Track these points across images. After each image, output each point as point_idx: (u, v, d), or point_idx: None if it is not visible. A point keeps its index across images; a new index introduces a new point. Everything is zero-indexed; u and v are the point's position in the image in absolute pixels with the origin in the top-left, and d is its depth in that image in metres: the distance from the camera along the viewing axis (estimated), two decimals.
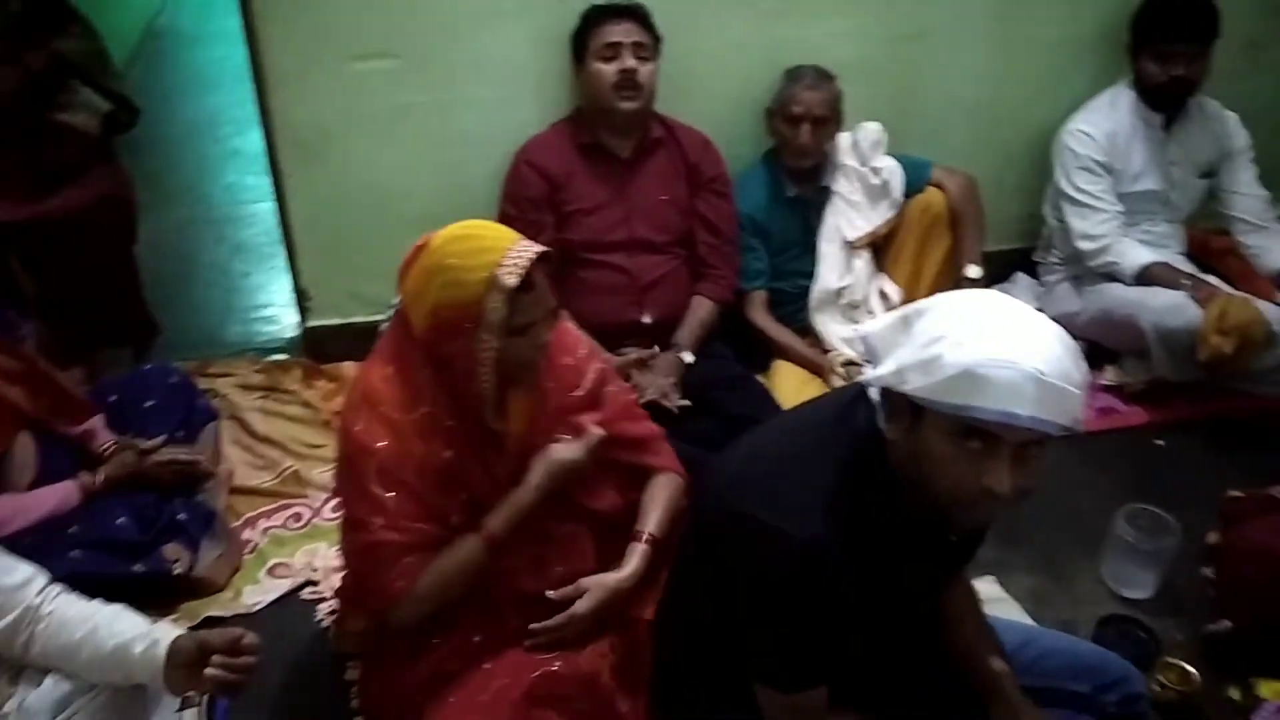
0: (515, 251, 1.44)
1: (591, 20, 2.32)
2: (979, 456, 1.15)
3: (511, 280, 1.42)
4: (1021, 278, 3.09)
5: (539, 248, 1.48)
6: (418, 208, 2.52)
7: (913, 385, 1.14)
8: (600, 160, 2.37)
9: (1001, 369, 1.10)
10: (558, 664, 1.55)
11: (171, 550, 1.96)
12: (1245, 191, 2.74)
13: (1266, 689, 1.80)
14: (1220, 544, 2.02)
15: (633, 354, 2.31)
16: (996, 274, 3.06)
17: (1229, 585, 1.92)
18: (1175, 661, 1.86)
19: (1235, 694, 1.81)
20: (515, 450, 1.61)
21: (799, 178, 2.55)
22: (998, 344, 1.11)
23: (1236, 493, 2.10)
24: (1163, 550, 2.04)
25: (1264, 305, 2.56)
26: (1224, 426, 2.62)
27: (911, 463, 1.21)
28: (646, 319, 2.38)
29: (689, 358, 2.35)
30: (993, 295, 1.23)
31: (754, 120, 2.58)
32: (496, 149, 2.46)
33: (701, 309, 2.43)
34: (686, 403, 2.23)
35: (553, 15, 2.39)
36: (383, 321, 2.57)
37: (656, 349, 2.33)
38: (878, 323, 1.24)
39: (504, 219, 2.32)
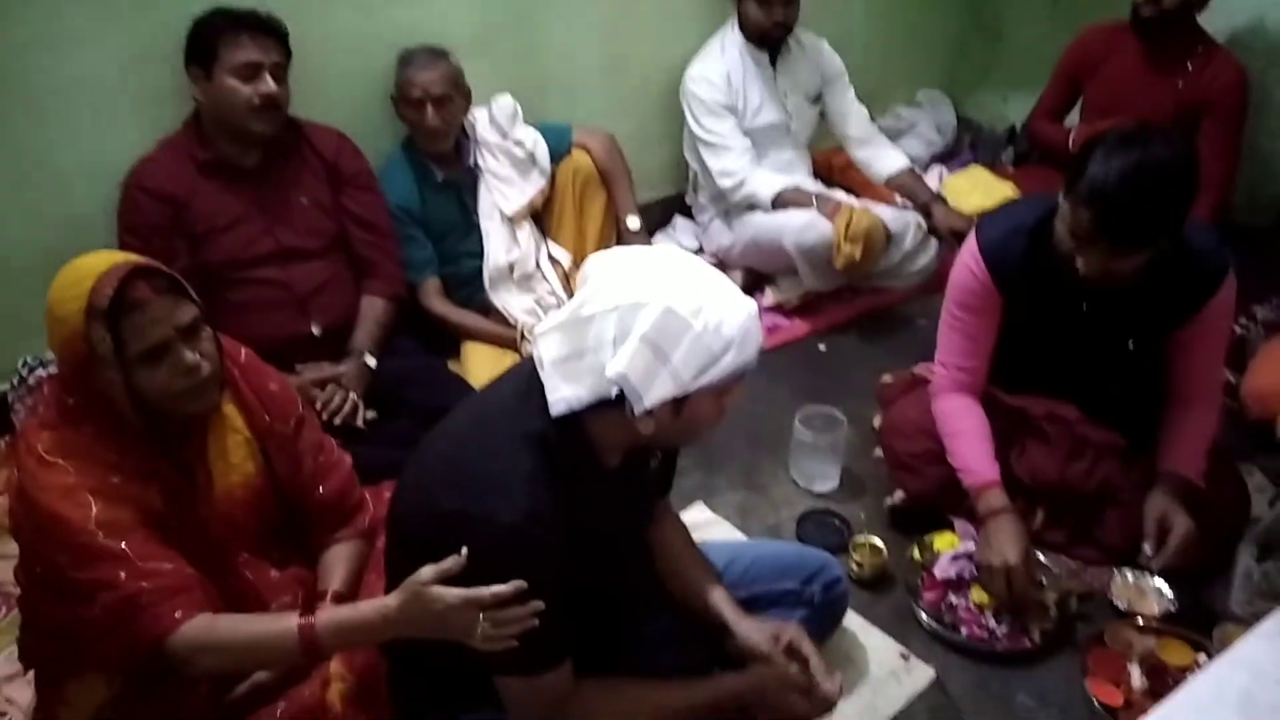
0: (108, 273, 1.31)
1: (222, 29, 2.10)
2: (730, 394, 1.28)
3: (101, 303, 1.29)
4: (680, 221, 3.27)
5: (135, 261, 1.35)
6: (23, 257, 2.20)
7: (701, 382, 1.19)
8: (225, 174, 2.19)
9: (748, 320, 1.21)
10: (280, 707, 1.47)
11: None
12: (848, 110, 3.05)
13: (940, 542, 2.03)
14: (882, 425, 2.27)
15: (310, 373, 2.19)
16: (657, 221, 3.22)
17: (894, 460, 2.16)
18: (864, 540, 2.06)
19: (916, 554, 2.03)
20: (234, 498, 1.51)
21: (443, 161, 2.51)
22: (726, 299, 1.21)
23: (888, 378, 2.37)
24: (837, 443, 2.25)
25: (882, 210, 2.88)
26: (870, 322, 2.94)
27: (666, 436, 1.27)
28: (315, 330, 2.25)
29: (372, 361, 2.26)
30: (651, 255, 1.25)
31: (385, 109, 2.50)
32: (105, 179, 2.20)
33: (374, 309, 2.33)
34: (372, 415, 2.15)
35: (138, 31, 2.17)
36: (9, 391, 2.28)
37: (341, 368, 2.20)
38: (623, 362, 1.17)
39: (127, 251, 2.09)
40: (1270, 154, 3.07)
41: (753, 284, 3.01)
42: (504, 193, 2.56)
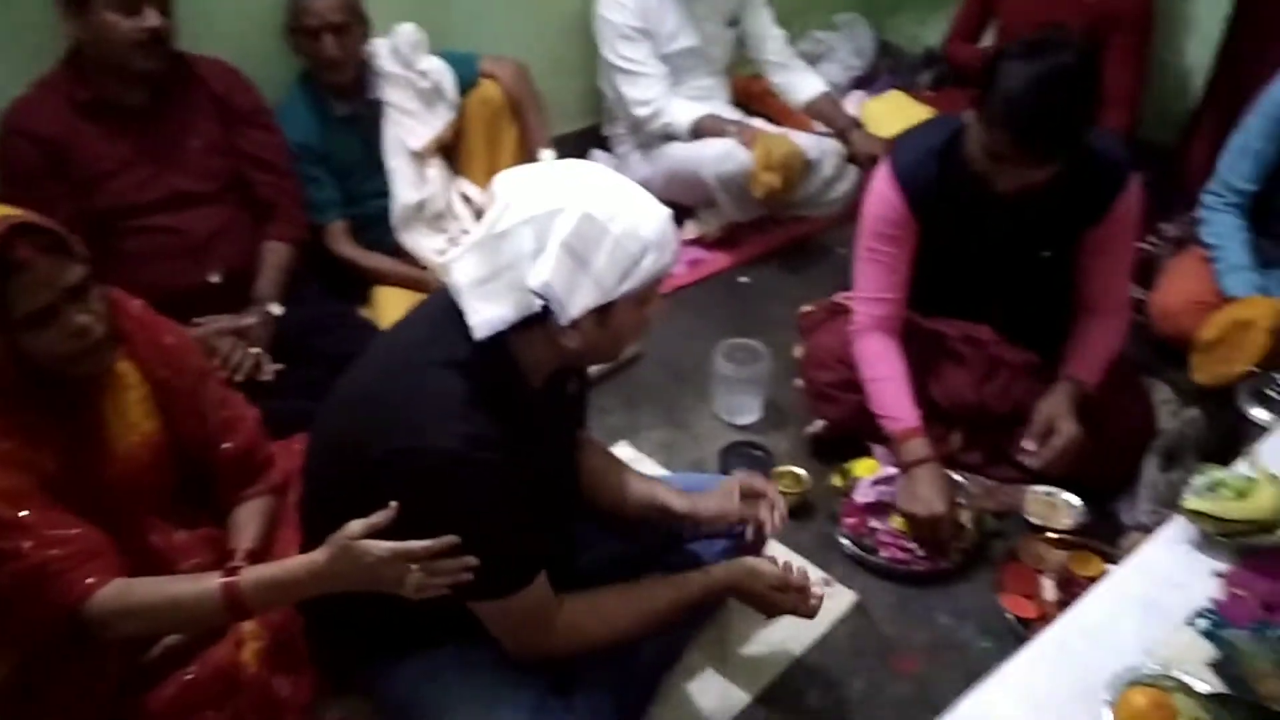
0: None
1: None
2: (650, 302, 1.27)
3: None
4: (598, 154, 3.19)
5: (15, 217, 1.26)
6: None
7: (624, 288, 1.18)
8: (109, 115, 2.05)
9: (664, 222, 1.21)
10: (192, 670, 1.42)
11: None
12: (765, 34, 2.99)
13: (860, 468, 2.05)
14: (803, 355, 2.27)
15: (213, 323, 2.09)
16: (573, 154, 3.12)
17: (813, 389, 2.16)
18: (786, 469, 2.07)
19: (837, 480, 2.05)
20: (135, 458, 1.44)
21: (344, 94, 2.39)
22: (641, 203, 1.20)
23: (808, 307, 2.36)
24: (758, 375, 2.25)
25: (801, 137, 2.85)
26: (792, 251, 2.93)
27: (592, 349, 1.25)
28: (214, 278, 2.14)
29: (277, 309, 2.17)
30: (560, 167, 1.24)
31: (279, 41, 2.36)
32: None
33: (276, 254, 2.23)
34: (279, 367, 2.07)
35: None
36: None
37: (244, 318, 2.11)
38: (546, 271, 1.15)
39: (6, 200, 1.96)
40: (1177, 69, 3.10)
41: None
42: (410, 127, 2.45)
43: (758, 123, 2.96)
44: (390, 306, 2.36)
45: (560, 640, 1.36)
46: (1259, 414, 2.04)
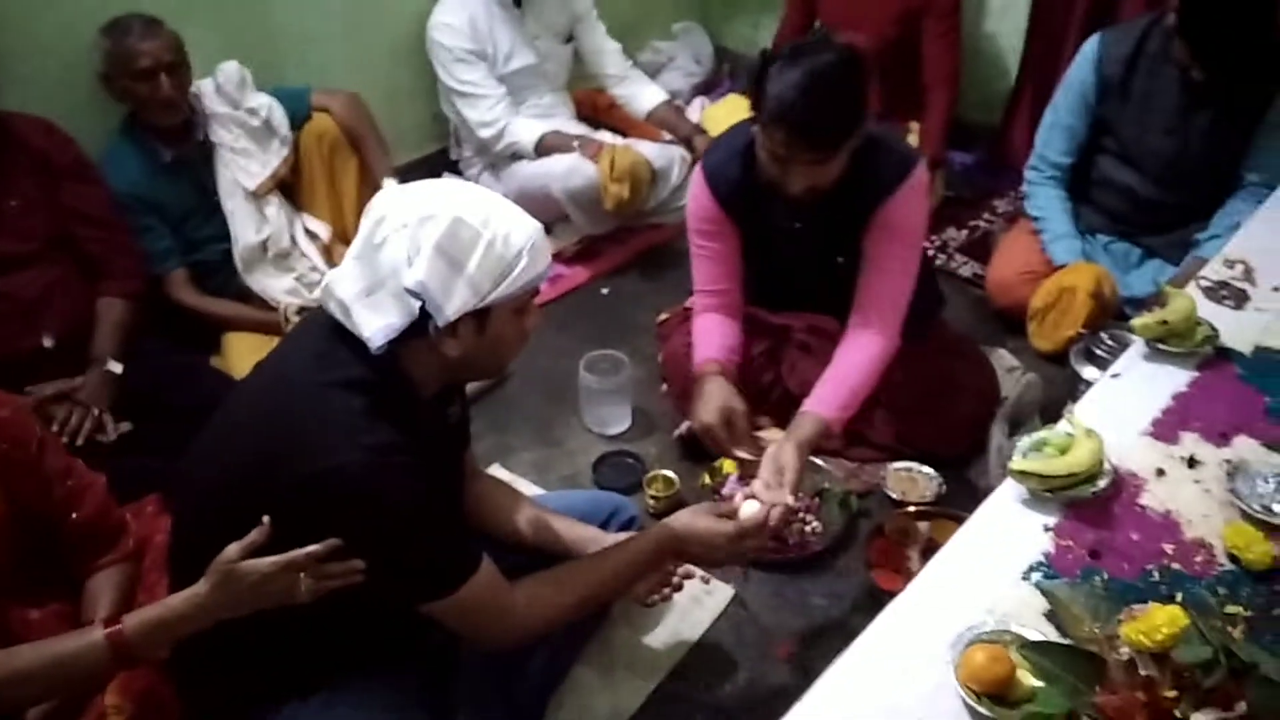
0: None
1: None
2: (528, 314, 1.31)
3: None
4: (448, 178, 3.17)
5: None
6: None
7: (496, 294, 1.21)
8: None
9: (535, 232, 1.24)
10: None
11: None
12: (600, 48, 3.03)
13: (729, 464, 2.09)
14: (662, 359, 2.30)
15: (43, 390, 1.99)
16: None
17: (675, 391, 2.20)
18: (657, 473, 2.10)
19: (707, 479, 2.09)
20: None
21: (171, 139, 2.30)
22: (513, 213, 1.23)
23: (664, 315, 2.41)
24: (623, 384, 2.27)
25: (646, 147, 2.89)
26: (649, 259, 2.97)
27: (473, 358, 1.26)
28: (48, 342, 2.04)
29: (116, 368, 2.08)
30: (434, 182, 1.25)
31: (88, 92, 2.26)
32: None
33: (112, 311, 2.13)
34: (126, 427, 1.99)
35: None
36: None
37: (77, 380, 2.02)
38: (421, 271, 1.17)
39: None
40: (992, 53, 3.28)
41: None
42: (244, 167, 2.38)
43: (603, 135, 2.99)
44: (242, 353, 2.29)
45: (524, 620, 1.36)
46: (1089, 373, 2.18)
